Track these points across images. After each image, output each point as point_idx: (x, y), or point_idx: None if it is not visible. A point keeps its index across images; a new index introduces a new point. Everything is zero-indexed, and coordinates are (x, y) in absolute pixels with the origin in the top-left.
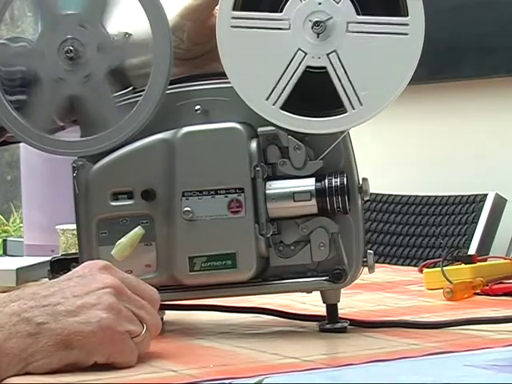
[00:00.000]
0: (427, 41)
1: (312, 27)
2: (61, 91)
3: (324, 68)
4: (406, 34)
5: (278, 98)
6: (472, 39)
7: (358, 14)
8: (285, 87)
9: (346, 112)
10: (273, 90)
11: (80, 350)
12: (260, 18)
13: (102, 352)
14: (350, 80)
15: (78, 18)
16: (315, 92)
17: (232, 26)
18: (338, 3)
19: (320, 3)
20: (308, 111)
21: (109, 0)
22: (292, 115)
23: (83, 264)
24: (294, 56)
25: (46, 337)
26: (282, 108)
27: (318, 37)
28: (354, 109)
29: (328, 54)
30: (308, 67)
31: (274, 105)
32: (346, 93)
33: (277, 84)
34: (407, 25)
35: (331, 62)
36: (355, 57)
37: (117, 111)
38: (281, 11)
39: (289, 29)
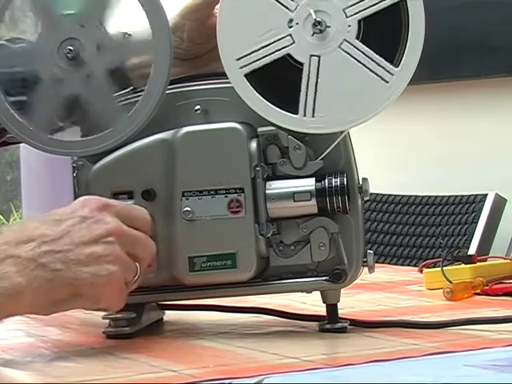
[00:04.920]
0: (427, 41)
1: (319, 31)
2: (61, 91)
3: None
4: (387, 82)
5: (248, 64)
6: (472, 39)
7: (357, 39)
8: (259, 59)
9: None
10: (247, 55)
11: (88, 298)
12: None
13: (106, 301)
14: (315, 92)
15: (77, 17)
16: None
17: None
18: (346, 18)
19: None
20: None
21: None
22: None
23: (81, 200)
24: (282, 37)
25: (60, 284)
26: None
27: (312, 35)
28: (305, 115)
29: (311, 56)
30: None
31: (240, 68)
32: (305, 98)
33: (254, 52)
34: (393, 74)
35: (309, 64)
36: (331, 73)
37: (117, 111)
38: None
39: (293, 10)
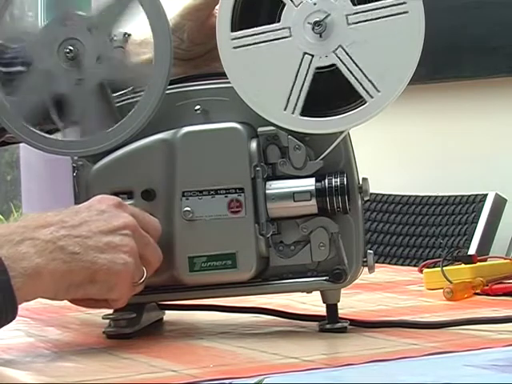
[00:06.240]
0: (427, 41)
1: (312, 28)
2: (49, 86)
3: (331, 66)
4: (406, 13)
5: (295, 105)
6: (472, 39)
7: (355, 5)
8: (299, 94)
9: (364, 103)
10: (288, 100)
11: (102, 285)
12: (259, 32)
13: (118, 291)
14: (362, 71)
15: (88, 21)
16: (325, 91)
17: (234, 47)
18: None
19: (315, 3)
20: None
21: (123, 13)
22: (313, 119)
23: (97, 198)
24: (301, 61)
25: (78, 267)
26: (302, 114)
27: (320, 36)
28: (372, 97)
29: (334, 51)
30: (317, 68)
31: (293, 113)
32: (361, 84)
33: (291, 93)
34: (405, 3)
35: (339, 58)
36: (362, 47)
37: (102, 119)
38: (279, 21)
39: (290, 36)
